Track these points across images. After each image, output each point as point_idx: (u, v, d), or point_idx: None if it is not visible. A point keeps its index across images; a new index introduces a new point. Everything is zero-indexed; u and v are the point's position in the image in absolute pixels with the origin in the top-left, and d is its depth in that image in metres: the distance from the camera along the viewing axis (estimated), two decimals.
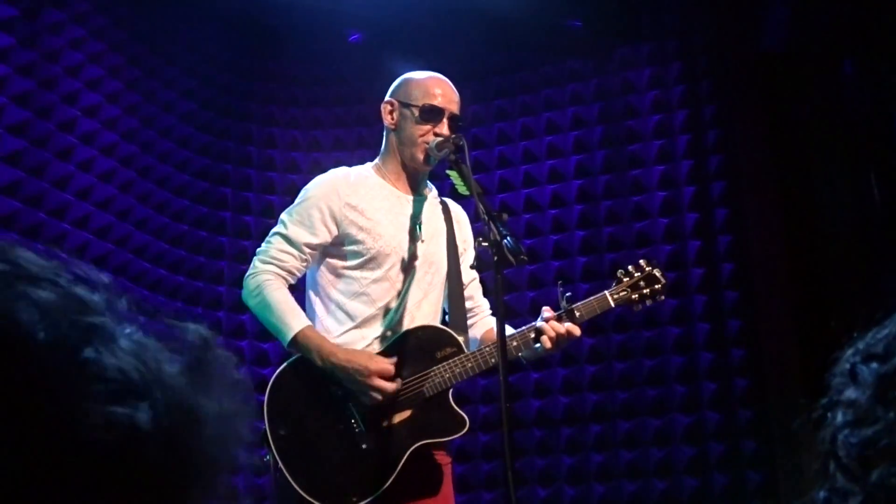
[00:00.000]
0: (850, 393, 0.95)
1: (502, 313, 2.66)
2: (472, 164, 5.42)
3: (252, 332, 5.33)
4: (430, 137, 3.07)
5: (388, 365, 2.89)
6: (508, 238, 2.63)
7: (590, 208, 5.30)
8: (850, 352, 1.00)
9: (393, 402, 2.92)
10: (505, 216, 2.75)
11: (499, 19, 5.19)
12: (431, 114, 3.11)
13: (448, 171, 3.06)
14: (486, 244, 2.70)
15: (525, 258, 2.62)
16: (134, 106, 4.95)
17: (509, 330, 2.95)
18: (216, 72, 5.53)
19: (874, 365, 0.94)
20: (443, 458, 3.12)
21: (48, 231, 4.34)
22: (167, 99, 5.20)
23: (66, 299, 0.69)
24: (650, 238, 5.15)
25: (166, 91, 5.20)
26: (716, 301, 4.97)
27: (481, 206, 2.75)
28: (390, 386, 2.88)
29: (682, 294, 5.02)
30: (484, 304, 3.31)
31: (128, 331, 0.73)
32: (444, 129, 3.08)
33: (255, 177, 5.64)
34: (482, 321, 3.30)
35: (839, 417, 0.94)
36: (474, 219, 3.32)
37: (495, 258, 2.65)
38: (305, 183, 5.64)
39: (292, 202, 4.51)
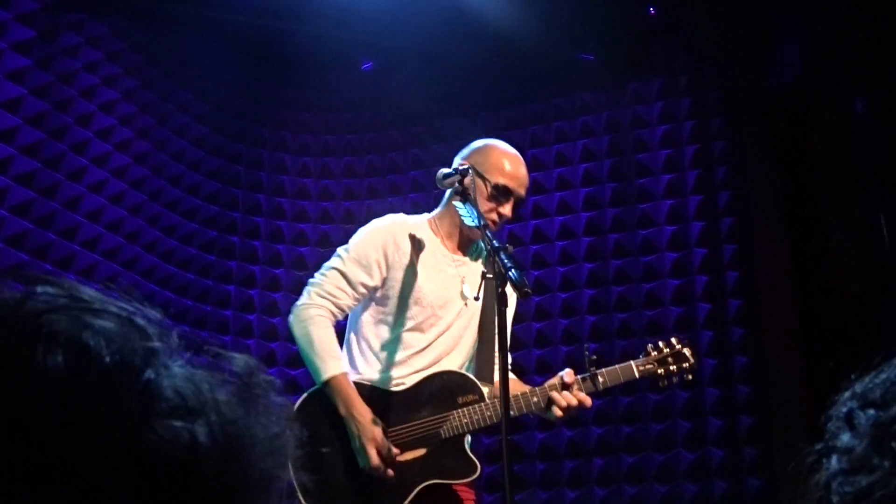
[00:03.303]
0: (846, 439, 0.93)
1: (506, 346, 2.64)
2: None
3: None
4: (494, 215, 3.16)
5: (385, 444, 3.00)
6: (513, 270, 2.63)
7: (598, 241, 5.30)
8: (846, 395, 0.99)
9: (409, 439, 3.06)
10: (510, 248, 2.75)
11: (511, 51, 5.22)
12: (502, 194, 3.18)
13: (454, 203, 3.06)
14: (491, 276, 2.70)
15: (529, 291, 2.61)
16: (147, 129, 4.98)
17: (519, 386, 3.11)
18: (229, 97, 5.57)
19: (871, 412, 0.93)
20: (465, 493, 3.19)
21: (57, 251, 4.37)
22: (180, 123, 5.24)
23: (126, 327, 0.75)
24: (658, 272, 5.14)
25: (179, 115, 5.24)
26: (723, 337, 4.95)
27: (486, 238, 2.75)
28: (382, 470, 2.99)
29: (690, 328, 5.00)
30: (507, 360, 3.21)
31: (179, 362, 0.78)
32: (507, 209, 3.18)
33: (264, 202, 5.66)
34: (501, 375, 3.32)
35: (834, 464, 0.93)
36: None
37: (499, 290, 2.65)
38: (315, 208, 5.74)
39: (300, 226, 4.54)
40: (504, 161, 3.25)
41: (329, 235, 5.74)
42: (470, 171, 3.02)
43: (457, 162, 3.26)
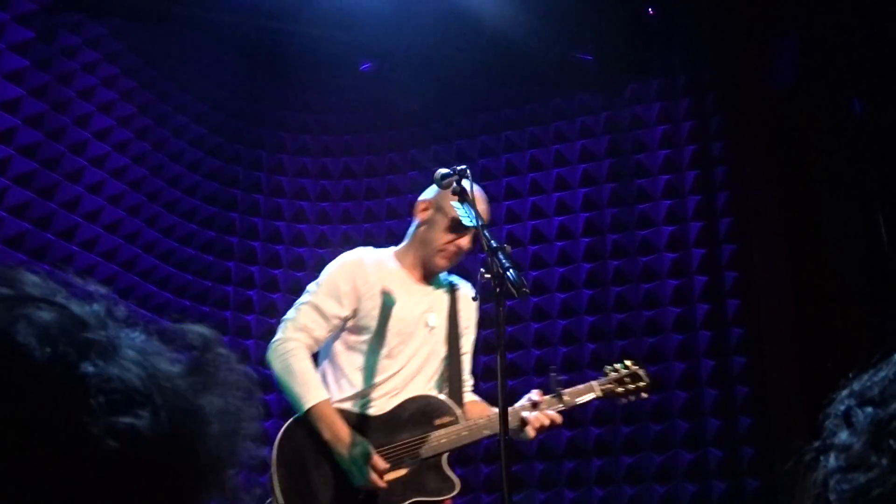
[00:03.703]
0: (844, 437, 0.94)
1: (503, 346, 2.65)
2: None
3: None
4: (452, 248, 3.34)
5: (380, 463, 3.15)
6: (511, 271, 2.63)
7: (596, 241, 5.30)
8: (845, 393, 0.99)
9: (391, 460, 3.19)
10: (508, 248, 2.76)
11: (510, 51, 5.22)
12: (460, 227, 3.29)
13: (452, 203, 3.07)
14: (489, 276, 2.71)
15: (527, 291, 2.62)
16: (145, 129, 4.98)
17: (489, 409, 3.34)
18: (227, 98, 5.57)
19: (869, 410, 0.93)
20: None
21: (56, 252, 4.37)
22: (178, 123, 5.24)
23: (64, 318, 0.73)
24: (656, 272, 5.14)
25: (177, 115, 5.24)
26: (721, 337, 4.95)
27: (484, 238, 2.76)
28: (380, 482, 3.13)
29: (689, 329, 5.01)
30: (469, 382, 3.53)
31: (132, 335, 0.76)
32: (465, 243, 3.35)
33: (262, 202, 5.66)
34: (467, 396, 3.50)
35: (832, 461, 0.93)
36: (478, 250, 3.35)
37: (497, 290, 2.66)
38: (313, 209, 5.74)
39: (298, 227, 4.64)
40: None
41: (327, 235, 5.74)
42: (467, 171, 3.03)
43: (422, 203, 3.48)
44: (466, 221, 2.96)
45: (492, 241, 2.75)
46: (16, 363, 0.68)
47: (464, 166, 3.07)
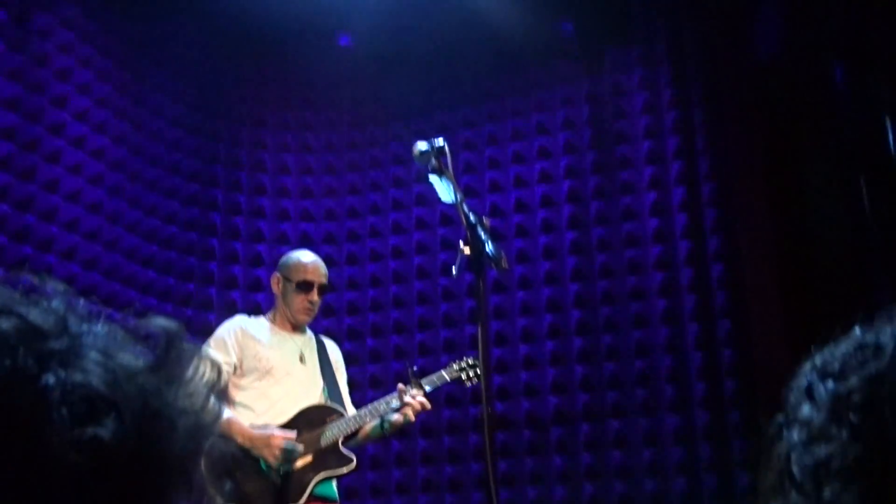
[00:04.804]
0: (806, 411, 0.95)
1: (484, 320, 2.66)
2: (462, 165, 5.50)
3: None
4: (306, 303, 4.10)
5: (287, 433, 3.84)
6: (490, 244, 2.64)
7: (579, 210, 5.31)
8: (807, 368, 1.00)
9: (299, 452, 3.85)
10: (487, 222, 2.76)
11: (490, 22, 5.20)
12: (306, 287, 4.10)
13: (430, 177, 3.06)
14: (468, 250, 2.72)
15: (506, 265, 2.64)
16: (123, 109, 4.95)
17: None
18: (206, 74, 5.53)
19: (830, 384, 0.95)
20: None
21: (36, 235, 4.35)
22: (156, 102, 5.20)
23: (23, 329, 0.71)
24: (639, 240, 5.16)
25: (156, 94, 5.21)
26: (706, 302, 4.98)
27: (462, 213, 2.76)
28: (291, 444, 3.79)
29: (672, 294, 5.03)
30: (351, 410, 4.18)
31: (95, 329, 0.75)
32: (314, 296, 4.12)
33: (245, 179, 5.65)
34: None
35: (794, 435, 0.94)
36: (458, 225, 3.38)
37: (477, 264, 2.67)
38: (296, 184, 5.76)
39: (282, 204, 4.89)
40: (300, 264, 4.16)
41: (308, 210, 5.74)
42: (445, 147, 3.02)
43: (274, 278, 4.21)
44: (444, 197, 2.96)
45: (470, 216, 2.76)
46: None
47: (442, 141, 3.07)
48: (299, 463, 3.80)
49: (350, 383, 5.38)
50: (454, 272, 2.80)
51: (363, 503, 5.26)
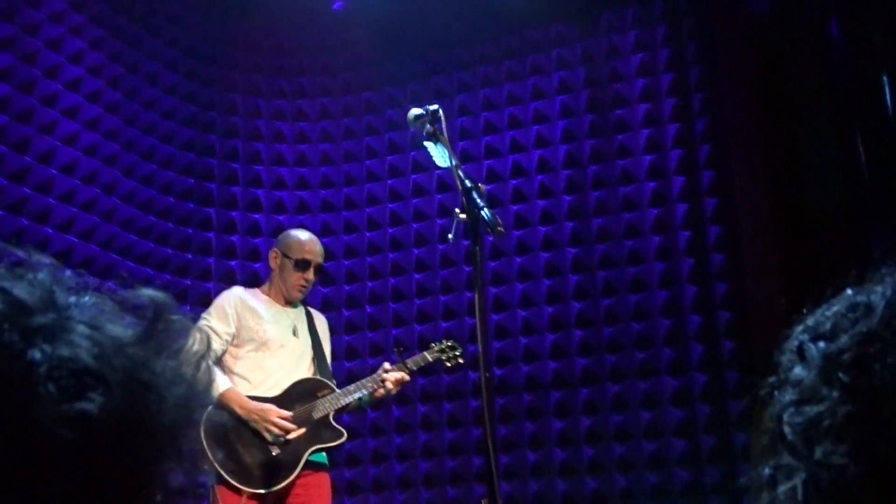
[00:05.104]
0: (798, 372, 0.95)
1: (481, 286, 2.67)
2: (458, 130, 5.47)
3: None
4: (301, 282, 4.27)
5: (283, 412, 4.01)
6: (485, 210, 2.64)
7: (577, 174, 5.30)
8: (799, 329, 1.00)
9: (293, 423, 4.02)
10: (483, 187, 2.76)
11: None
12: (303, 265, 4.25)
13: (425, 143, 3.05)
14: (464, 216, 2.71)
15: (502, 230, 2.64)
16: (117, 78, 4.92)
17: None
18: (200, 42, 5.49)
19: (821, 344, 0.95)
20: (324, 478, 4.19)
21: (33, 206, 4.34)
22: (150, 70, 5.17)
23: (9, 305, 0.71)
24: (637, 203, 5.15)
25: (149, 62, 5.17)
26: (702, 266, 4.98)
27: (458, 179, 2.75)
28: (287, 424, 3.98)
29: (671, 258, 5.03)
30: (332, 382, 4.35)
31: (82, 301, 0.75)
32: (310, 275, 4.29)
33: (241, 147, 5.62)
34: None
35: (786, 396, 0.94)
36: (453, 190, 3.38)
37: (473, 230, 2.66)
38: (292, 153, 5.75)
39: (279, 172, 5.00)
40: (299, 242, 4.31)
41: (306, 178, 5.73)
42: (439, 112, 3.01)
43: (272, 253, 4.37)
44: (439, 162, 2.95)
45: (466, 182, 2.75)
46: None
47: (436, 106, 3.05)
48: (293, 435, 3.99)
49: (350, 351, 5.45)
50: (450, 238, 2.81)
51: (365, 469, 5.30)
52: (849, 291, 0.99)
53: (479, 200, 2.68)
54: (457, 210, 2.77)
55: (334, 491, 4.27)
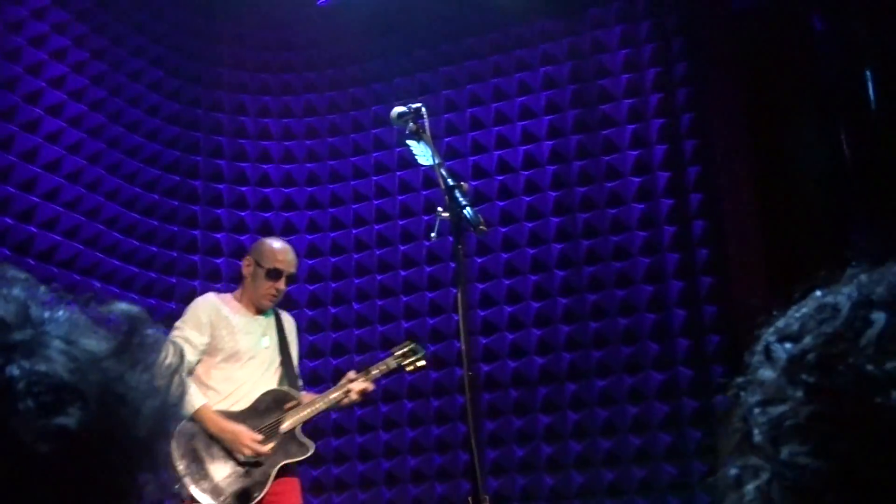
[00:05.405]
0: (764, 372, 0.96)
1: (464, 283, 2.67)
2: (444, 126, 5.47)
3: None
4: (272, 291, 4.34)
5: (256, 435, 4.10)
6: (468, 208, 2.64)
7: (562, 169, 5.30)
8: (769, 331, 1.01)
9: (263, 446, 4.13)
10: (466, 185, 2.76)
11: None
12: (275, 274, 4.32)
13: (408, 141, 3.06)
14: (447, 214, 2.72)
15: (484, 228, 2.64)
16: (101, 75, 4.90)
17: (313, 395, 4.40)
18: (184, 39, 5.48)
19: (787, 345, 0.96)
20: (294, 483, 4.30)
21: (16, 204, 4.33)
22: (135, 67, 5.15)
23: None
24: (622, 198, 5.16)
25: (134, 59, 5.15)
26: (688, 260, 5.00)
27: (441, 177, 2.75)
28: (259, 448, 4.09)
29: (656, 252, 5.05)
30: (300, 382, 4.50)
31: (57, 315, 0.75)
32: (281, 285, 4.36)
33: (226, 144, 5.61)
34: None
35: (752, 396, 0.95)
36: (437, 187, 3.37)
37: (456, 228, 2.66)
38: (277, 149, 5.73)
39: (265, 169, 4.99)
40: (273, 251, 4.37)
41: (292, 175, 5.72)
42: (422, 110, 3.01)
43: (245, 260, 4.42)
44: (423, 160, 2.95)
45: (448, 180, 2.75)
46: None
47: (419, 105, 3.05)
48: (263, 455, 4.11)
49: (337, 348, 5.45)
50: (433, 236, 2.82)
51: (353, 465, 5.31)
52: (818, 293, 1.00)
53: (461, 199, 2.68)
54: (439, 209, 2.77)
55: (323, 488, 4.31)
